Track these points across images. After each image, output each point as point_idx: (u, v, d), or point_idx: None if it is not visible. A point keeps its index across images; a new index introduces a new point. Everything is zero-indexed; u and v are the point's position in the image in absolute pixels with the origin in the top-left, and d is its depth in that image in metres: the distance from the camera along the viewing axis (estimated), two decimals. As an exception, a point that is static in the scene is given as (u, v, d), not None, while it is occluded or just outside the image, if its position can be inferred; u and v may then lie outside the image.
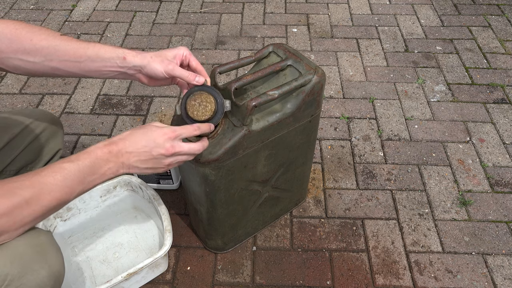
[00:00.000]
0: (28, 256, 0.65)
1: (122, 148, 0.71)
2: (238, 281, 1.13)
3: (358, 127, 1.56)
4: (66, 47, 0.77)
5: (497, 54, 1.88)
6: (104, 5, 2.18)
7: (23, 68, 0.78)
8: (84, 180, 0.67)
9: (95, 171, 0.68)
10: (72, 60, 0.78)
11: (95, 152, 0.69)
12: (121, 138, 0.73)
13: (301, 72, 0.92)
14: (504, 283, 1.13)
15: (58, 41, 0.77)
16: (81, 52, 0.77)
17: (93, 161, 0.68)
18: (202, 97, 0.79)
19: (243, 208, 1.07)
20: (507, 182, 1.38)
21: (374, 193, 1.35)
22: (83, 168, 0.66)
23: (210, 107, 0.79)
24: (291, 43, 1.95)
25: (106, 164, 0.69)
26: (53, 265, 0.68)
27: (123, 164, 0.71)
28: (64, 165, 0.65)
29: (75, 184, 0.66)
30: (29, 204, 0.61)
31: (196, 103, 0.79)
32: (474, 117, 1.60)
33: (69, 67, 0.79)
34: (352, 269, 1.16)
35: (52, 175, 0.63)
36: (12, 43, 0.74)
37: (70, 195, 0.66)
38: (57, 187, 0.63)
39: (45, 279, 0.66)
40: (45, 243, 0.69)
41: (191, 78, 0.80)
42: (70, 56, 0.77)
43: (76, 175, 0.65)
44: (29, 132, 0.98)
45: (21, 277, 0.63)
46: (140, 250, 1.17)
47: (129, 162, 0.72)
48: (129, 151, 0.72)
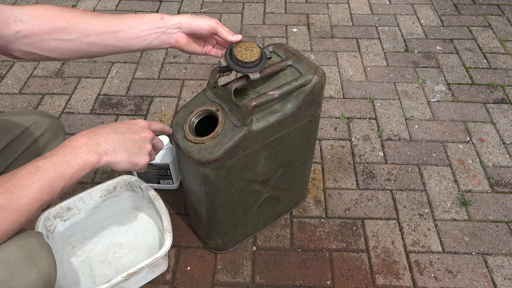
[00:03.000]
0: (16, 259, 0.62)
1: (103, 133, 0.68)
2: (238, 281, 1.13)
3: (358, 127, 1.56)
4: (101, 20, 0.76)
5: (497, 54, 1.88)
6: (104, 5, 2.18)
7: (59, 48, 0.76)
8: (63, 174, 0.62)
9: (72, 163, 0.63)
10: (109, 31, 0.76)
11: (69, 144, 0.65)
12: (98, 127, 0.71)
13: (301, 72, 0.92)
14: (504, 283, 1.13)
15: (91, 16, 0.76)
16: (117, 21, 0.77)
17: (69, 152, 0.64)
18: (247, 44, 0.86)
19: (243, 208, 1.07)
20: (507, 182, 1.38)
21: (374, 193, 1.35)
22: (58, 162, 0.62)
23: (256, 50, 0.85)
24: (291, 43, 1.95)
25: (85, 154, 0.65)
26: (43, 267, 0.65)
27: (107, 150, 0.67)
28: (38, 164, 0.61)
29: (54, 181, 0.61)
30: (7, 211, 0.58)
31: (242, 49, 0.85)
32: (474, 117, 1.60)
33: (106, 39, 0.77)
34: (352, 269, 1.16)
35: (28, 176, 0.60)
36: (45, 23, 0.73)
37: (51, 194, 0.62)
38: (35, 188, 0.60)
39: (34, 282, 0.63)
40: (34, 245, 0.66)
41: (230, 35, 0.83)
42: (106, 28, 0.76)
43: (52, 171, 0.61)
44: (30, 133, 0.98)
45: (9, 281, 0.61)
46: (140, 250, 1.17)
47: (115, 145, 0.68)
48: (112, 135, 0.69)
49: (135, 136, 0.71)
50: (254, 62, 0.85)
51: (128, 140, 0.71)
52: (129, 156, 0.70)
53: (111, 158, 0.68)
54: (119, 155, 0.69)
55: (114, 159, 0.69)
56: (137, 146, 0.72)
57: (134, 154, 0.71)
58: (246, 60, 0.83)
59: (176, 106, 1.64)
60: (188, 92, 1.69)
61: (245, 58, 0.84)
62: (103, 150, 0.67)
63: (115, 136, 0.69)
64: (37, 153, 1.00)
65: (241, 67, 0.84)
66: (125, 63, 1.83)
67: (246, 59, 0.84)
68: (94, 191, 1.14)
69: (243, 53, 0.84)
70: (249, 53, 0.84)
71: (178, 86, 1.72)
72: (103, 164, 0.68)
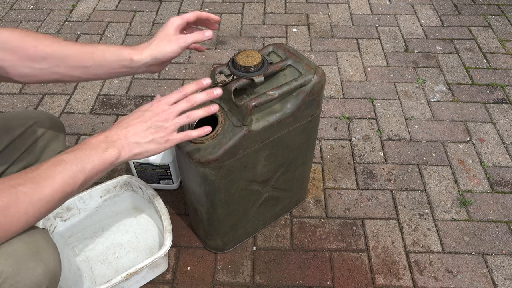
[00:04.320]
0: (23, 254, 0.64)
1: (117, 130, 0.71)
2: (238, 281, 1.13)
3: (358, 127, 1.56)
4: (72, 53, 0.77)
5: (497, 54, 1.88)
6: (104, 5, 2.18)
7: (31, 75, 0.78)
8: (84, 168, 0.65)
9: (93, 158, 0.67)
10: (79, 65, 0.78)
11: (89, 141, 0.69)
12: (115, 123, 0.73)
13: (301, 72, 0.92)
14: (504, 283, 1.13)
15: (62, 47, 0.77)
16: (88, 57, 0.78)
17: (89, 148, 0.67)
18: (247, 52, 0.88)
19: (243, 208, 1.07)
20: (507, 182, 1.38)
21: (374, 193, 1.35)
22: (80, 156, 0.65)
23: (257, 56, 0.88)
24: (291, 43, 1.95)
25: (103, 150, 0.68)
26: (48, 262, 0.67)
27: (123, 145, 0.70)
28: (62, 157, 0.65)
29: (75, 174, 0.65)
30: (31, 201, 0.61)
31: (244, 56, 0.87)
32: (474, 117, 1.60)
33: (76, 72, 0.79)
34: (352, 269, 1.16)
35: (52, 168, 0.63)
36: (18, 51, 0.74)
37: (73, 186, 0.65)
38: (57, 180, 0.63)
39: (40, 277, 0.65)
40: (40, 241, 0.68)
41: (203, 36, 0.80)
42: (76, 62, 0.78)
43: (75, 165, 0.64)
44: (30, 134, 0.98)
45: (16, 275, 0.62)
46: (140, 250, 1.17)
47: (128, 140, 0.71)
48: (125, 129, 0.71)
49: (145, 124, 0.72)
50: (257, 66, 0.87)
51: (138, 130, 0.72)
52: (144, 146, 0.72)
53: (129, 152, 0.71)
54: (134, 148, 0.71)
55: (132, 152, 0.71)
56: (150, 133, 0.72)
57: (149, 142, 0.72)
58: (248, 65, 0.86)
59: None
60: (188, 92, 1.69)
61: (247, 63, 0.86)
62: (119, 145, 0.69)
63: (126, 131, 0.71)
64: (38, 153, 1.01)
65: (244, 72, 0.86)
66: (125, 63, 1.83)
67: (249, 63, 0.86)
68: (94, 191, 1.14)
69: (244, 60, 0.86)
70: (250, 59, 0.87)
71: (178, 86, 1.72)
72: (124, 158, 0.70)
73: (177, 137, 0.75)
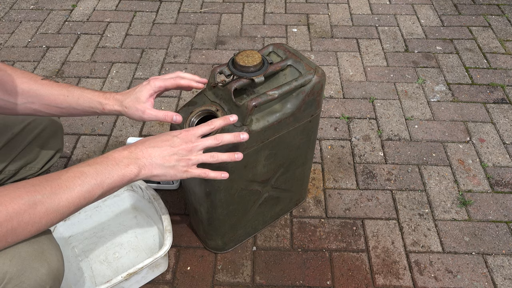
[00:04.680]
0: (27, 254, 0.64)
1: (142, 148, 0.71)
2: (238, 281, 1.13)
3: (358, 127, 1.56)
4: (47, 93, 0.81)
5: (497, 54, 1.88)
6: (104, 5, 2.18)
7: (5, 107, 0.81)
8: (103, 183, 0.66)
9: (113, 173, 0.67)
10: (53, 105, 0.82)
11: (112, 155, 0.69)
12: (140, 140, 0.73)
13: (301, 72, 0.92)
14: (504, 283, 1.13)
15: (39, 85, 0.80)
16: (62, 99, 0.81)
17: (111, 163, 0.67)
18: (247, 52, 0.88)
19: (243, 208, 1.07)
20: (507, 182, 1.38)
21: (374, 193, 1.35)
22: (100, 171, 0.66)
23: (257, 56, 0.87)
24: (291, 43, 1.95)
25: (125, 165, 0.68)
26: (52, 263, 0.68)
27: (145, 164, 0.70)
28: (83, 169, 0.65)
29: (93, 188, 0.65)
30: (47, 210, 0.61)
31: (244, 56, 0.87)
32: (474, 117, 1.60)
33: (51, 110, 0.83)
34: (352, 269, 1.16)
35: (72, 180, 0.64)
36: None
37: (88, 199, 0.66)
38: (75, 192, 0.63)
39: (44, 277, 0.66)
40: (44, 241, 0.69)
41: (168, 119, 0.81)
42: (51, 102, 0.81)
43: (94, 179, 0.65)
44: (29, 131, 0.98)
45: (20, 275, 0.63)
46: (140, 250, 1.17)
47: (152, 160, 0.71)
48: (150, 149, 0.71)
49: (172, 149, 0.73)
50: (257, 66, 0.87)
51: (165, 154, 0.72)
52: (165, 170, 0.72)
53: (148, 172, 0.71)
54: (156, 169, 0.72)
55: (151, 173, 0.72)
56: (174, 159, 0.73)
57: (170, 167, 0.73)
58: (248, 65, 0.86)
59: (176, 106, 1.64)
60: (188, 92, 1.69)
61: (247, 63, 0.86)
62: (142, 164, 0.70)
63: (152, 150, 0.72)
64: (36, 150, 1.01)
65: (244, 72, 0.86)
66: (125, 63, 1.83)
67: (249, 63, 0.86)
68: (94, 191, 1.13)
69: (245, 60, 0.86)
70: (250, 59, 0.87)
71: (178, 86, 1.72)
72: (142, 177, 0.71)
73: (195, 172, 0.76)
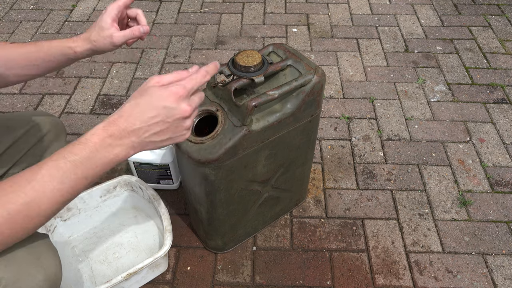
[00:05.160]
0: (23, 260, 0.63)
1: (127, 127, 0.58)
2: (238, 281, 1.13)
3: (358, 127, 1.56)
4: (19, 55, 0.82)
5: (497, 54, 1.88)
6: (104, 5, 2.18)
7: None
8: (86, 175, 0.57)
9: (96, 163, 0.57)
10: (29, 64, 0.82)
11: (91, 140, 0.57)
12: (121, 114, 0.59)
13: (301, 72, 0.92)
14: (504, 283, 1.13)
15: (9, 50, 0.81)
16: (35, 56, 0.82)
17: (91, 151, 0.57)
18: (247, 52, 0.89)
19: (243, 208, 1.07)
20: (507, 182, 1.38)
21: (374, 193, 1.35)
22: (80, 164, 0.56)
23: (257, 56, 0.88)
24: (291, 43, 1.95)
25: (110, 151, 0.58)
26: (49, 268, 0.67)
27: (133, 144, 0.59)
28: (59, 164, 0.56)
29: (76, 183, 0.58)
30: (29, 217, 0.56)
31: (244, 56, 0.88)
32: (474, 117, 1.60)
33: (29, 70, 0.83)
34: (352, 269, 1.16)
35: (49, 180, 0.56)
36: None
37: (73, 194, 0.59)
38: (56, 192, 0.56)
39: (41, 283, 0.64)
40: (41, 247, 0.67)
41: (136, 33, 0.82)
42: (26, 62, 0.82)
43: (73, 173, 0.56)
44: (32, 134, 0.98)
45: (16, 281, 0.62)
46: (140, 250, 1.17)
47: (141, 139, 0.60)
48: (137, 127, 0.59)
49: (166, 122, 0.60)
50: (257, 66, 0.87)
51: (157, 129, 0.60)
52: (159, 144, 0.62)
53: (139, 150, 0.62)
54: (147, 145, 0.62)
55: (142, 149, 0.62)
56: (169, 132, 0.62)
57: (165, 140, 0.62)
58: (248, 65, 0.86)
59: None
60: (188, 92, 1.69)
61: (247, 63, 0.86)
62: (129, 145, 0.59)
63: (140, 129, 0.59)
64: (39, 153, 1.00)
65: (244, 72, 0.86)
66: (125, 63, 1.83)
67: (249, 63, 0.86)
68: (94, 191, 1.14)
69: (245, 60, 0.86)
70: (250, 59, 0.87)
71: (178, 86, 1.71)
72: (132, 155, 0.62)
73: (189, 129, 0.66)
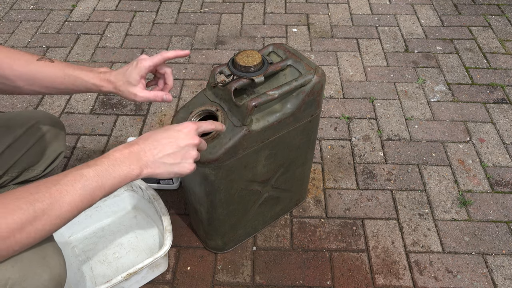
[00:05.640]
0: (29, 260, 0.64)
1: (145, 147, 0.69)
2: (238, 281, 1.13)
3: (358, 127, 1.56)
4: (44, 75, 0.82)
5: (497, 54, 1.88)
6: (104, 5, 2.18)
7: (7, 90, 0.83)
8: (104, 185, 0.64)
9: (114, 174, 0.65)
10: (52, 86, 0.83)
11: (113, 154, 0.67)
12: (142, 137, 0.71)
13: (301, 72, 0.92)
14: (504, 283, 1.13)
15: (36, 67, 0.81)
16: (60, 82, 0.83)
17: (112, 164, 0.65)
18: (247, 52, 0.89)
19: (243, 208, 1.07)
20: (507, 182, 1.38)
21: (374, 193, 1.35)
22: (101, 173, 0.64)
23: (257, 56, 0.88)
24: (291, 43, 1.95)
25: (127, 166, 0.66)
26: (54, 268, 0.67)
27: (147, 163, 0.68)
28: (83, 172, 0.63)
29: (94, 191, 0.63)
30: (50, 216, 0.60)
31: (244, 56, 0.88)
32: (474, 117, 1.60)
33: (50, 91, 0.84)
34: (352, 269, 1.16)
35: (72, 183, 0.62)
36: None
37: (90, 202, 0.64)
38: (76, 197, 0.62)
39: (46, 283, 0.65)
40: (46, 247, 0.68)
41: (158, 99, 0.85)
42: (49, 83, 0.82)
43: (95, 181, 0.63)
44: (31, 134, 0.98)
45: (23, 281, 0.62)
46: (140, 250, 1.17)
47: (154, 159, 0.69)
48: (153, 147, 0.69)
49: (177, 146, 0.71)
50: (257, 66, 0.87)
51: (170, 152, 0.70)
52: (170, 167, 0.71)
53: (151, 171, 0.69)
54: (159, 167, 0.70)
55: (154, 171, 0.70)
56: (179, 157, 0.71)
57: (175, 164, 0.71)
58: (248, 65, 0.86)
59: (176, 106, 1.64)
60: (188, 92, 1.69)
61: (247, 63, 0.86)
62: (144, 163, 0.68)
63: (156, 149, 0.69)
64: (39, 153, 1.00)
65: (244, 72, 0.86)
66: (125, 63, 1.83)
67: (249, 63, 0.86)
68: (94, 191, 1.13)
69: (245, 60, 0.86)
70: (250, 59, 0.87)
71: (178, 86, 1.72)
72: (144, 175, 0.69)
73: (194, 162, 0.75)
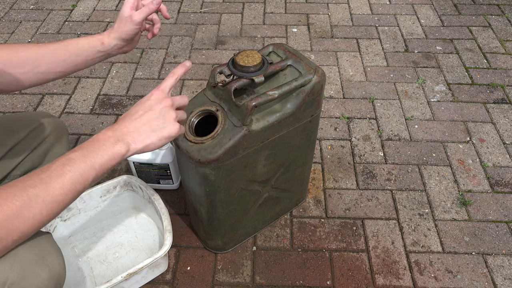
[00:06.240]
0: (28, 259, 0.64)
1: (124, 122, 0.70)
2: (238, 281, 1.13)
3: (358, 127, 1.56)
4: (48, 51, 0.84)
5: (497, 54, 1.88)
6: (104, 5, 2.18)
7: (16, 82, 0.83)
8: (94, 164, 0.64)
9: (102, 153, 0.65)
10: (57, 60, 0.84)
11: (97, 137, 0.67)
12: (119, 118, 0.72)
13: (301, 72, 0.92)
14: (504, 283, 1.13)
15: (38, 48, 0.84)
16: (63, 51, 0.84)
17: (97, 145, 0.66)
18: (247, 52, 0.89)
19: (243, 208, 1.07)
20: (507, 182, 1.38)
21: (374, 193, 1.35)
22: (88, 153, 0.64)
23: (257, 56, 0.88)
24: (291, 43, 1.95)
25: (112, 145, 0.66)
26: (53, 267, 0.67)
27: (133, 139, 0.68)
28: (70, 156, 0.64)
29: (85, 171, 0.64)
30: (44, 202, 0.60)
31: (244, 56, 0.88)
32: (474, 117, 1.60)
33: (57, 67, 0.85)
34: (352, 269, 1.16)
35: (61, 167, 0.62)
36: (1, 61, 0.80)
37: (83, 184, 0.64)
38: (67, 179, 0.62)
39: (45, 282, 0.65)
40: (45, 246, 0.68)
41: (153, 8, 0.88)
42: (54, 57, 0.84)
43: (83, 162, 0.63)
44: (34, 136, 0.98)
45: (22, 281, 0.62)
46: (140, 250, 1.17)
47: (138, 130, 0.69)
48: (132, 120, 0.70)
49: (154, 112, 0.71)
50: (257, 66, 0.87)
51: (150, 119, 0.70)
52: (157, 134, 0.71)
53: (140, 144, 0.69)
54: (147, 137, 0.70)
55: (144, 143, 0.69)
56: (161, 120, 0.71)
57: (160, 129, 0.71)
58: (248, 65, 0.86)
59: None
60: (188, 92, 1.69)
61: (247, 63, 0.86)
62: (129, 139, 0.68)
63: (136, 122, 0.70)
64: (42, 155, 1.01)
65: (244, 72, 0.87)
66: (125, 63, 1.83)
67: (249, 63, 0.86)
68: (94, 191, 1.14)
69: (245, 60, 0.87)
70: (250, 59, 0.87)
71: (178, 86, 1.72)
72: (134, 151, 0.69)
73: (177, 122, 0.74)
